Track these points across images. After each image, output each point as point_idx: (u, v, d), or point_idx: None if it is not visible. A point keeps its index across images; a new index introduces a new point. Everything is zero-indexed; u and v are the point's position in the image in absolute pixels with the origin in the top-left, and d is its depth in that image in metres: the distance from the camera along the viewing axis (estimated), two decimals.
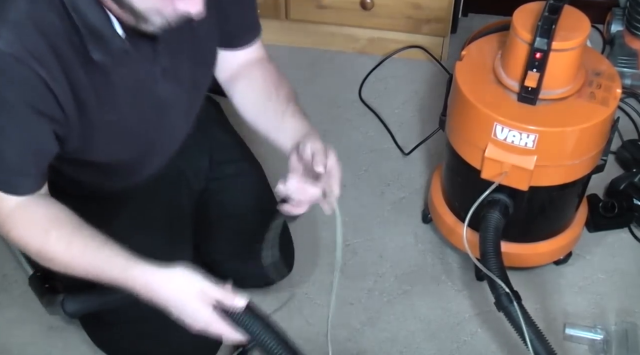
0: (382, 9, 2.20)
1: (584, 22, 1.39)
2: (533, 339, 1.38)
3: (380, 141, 2.05)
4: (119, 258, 1.13)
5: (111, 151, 1.24)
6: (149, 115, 1.23)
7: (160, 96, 1.22)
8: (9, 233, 1.16)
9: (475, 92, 1.44)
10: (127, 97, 1.17)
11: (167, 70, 1.19)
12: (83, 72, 1.09)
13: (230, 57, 1.37)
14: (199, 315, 1.12)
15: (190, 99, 1.31)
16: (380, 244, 1.78)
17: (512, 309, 1.39)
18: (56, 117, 1.09)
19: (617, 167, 1.93)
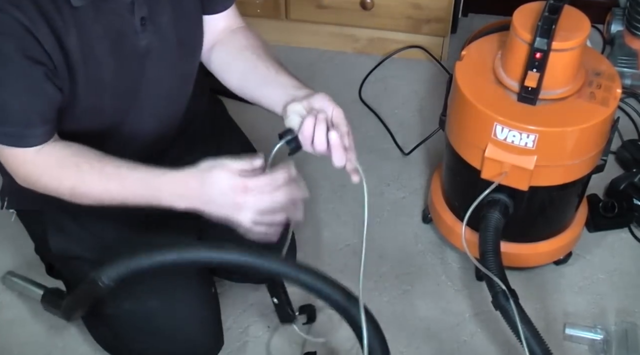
0: (382, 9, 2.20)
1: (584, 22, 1.39)
2: (529, 337, 1.37)
3: (380, 141, 2.05)
4: (154, 171, 1.15)
5: (95, 102, 1.23)
6: (129, 65, 1.23)
7: (140, 46, 1.22)
8: (40, 179, 1.18)
9: (475, 92, 1.44)
10: (107, 46, 1.17)
11: (146, 21, 1.20)
12: (63, 20, 1.09)
13: (208, 25, 1.37)
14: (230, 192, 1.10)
15: (177, 55, 1.30)
16: (380, 244, 1.78)
17: (508, 306, 1.39)
18: (46, 64, 1.10)
19: (617, 167, 1.93)
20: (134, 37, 1.20)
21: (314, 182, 1.93)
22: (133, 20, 1.19)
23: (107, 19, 1.16)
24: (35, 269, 1.68)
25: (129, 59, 1.22)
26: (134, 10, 1.18)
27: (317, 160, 1.98)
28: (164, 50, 1.27)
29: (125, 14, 1.18)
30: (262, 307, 1.64)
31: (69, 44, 1.12)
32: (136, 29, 1.20)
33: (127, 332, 1.41)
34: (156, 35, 1.23)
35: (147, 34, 1.22)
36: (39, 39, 1.07)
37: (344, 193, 1.91)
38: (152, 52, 1.24)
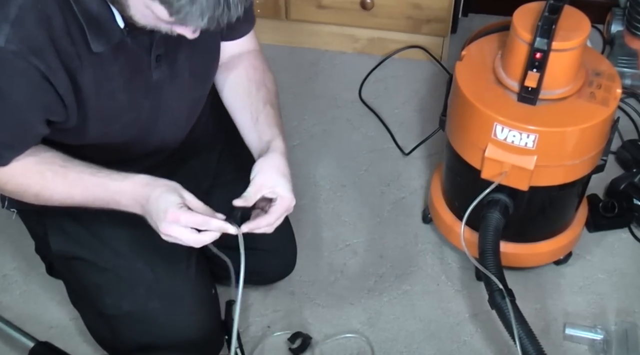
0: (382, 9, 2.20)
1: (584, 22, 1.39)
2: (523, 337, 1.37)
3: (380, 141, 2.05)
4: (114, 176, 1.20)
5: (106, 132, 1.25)
6: (141, 98, 1.24)
7: (153, 80, 1.23)
8: (5, 187, 1.22)
9: (475, 92, 1.44)
10: (122, 84, 1.19)
11: (162, 58, 1.21)
12: (81, 62, 1.11)
13: (224, 50, 1.38)
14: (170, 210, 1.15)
15: (188, 85, 1.31)
16: (380, 244, 1.78)
17: (503, 305, 1.39)
18: (53, 106, 1.12)
19: (617, 167, 1.93)
20: (147, 73, 1.21)
21: (314, 182, 1.93)
22: (149, 58, 1.19)
23: (125, 58, 1.16)
24: (36, 269, 1.68)
25: (140, 93, 1.23)
26: (151, 50, 1.18)
27: (317, 160, 1.99)
28: (175, 81, 1.27)
29: (143, 53, 1.18)
30: (262, 308, 1.64)
31: (82, 81, 1.13)
32: (150, 65, 1.21)
33: (127, 333, 1.41)
34: (169, 70, 1.24)
35: (160, 69, 1.22)
36: (52, 82, 1.09)
37: (344, 193, 1.91)
38: (163, 84, 1.25)
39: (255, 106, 1.35)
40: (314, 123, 2.10)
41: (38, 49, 1.05)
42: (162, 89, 1.26)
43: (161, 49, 1.20)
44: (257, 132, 1.33)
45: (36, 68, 1.06)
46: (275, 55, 2.31)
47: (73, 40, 1.08)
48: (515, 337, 1.37)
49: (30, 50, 1.04)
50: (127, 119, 1.25)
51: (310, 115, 2.12)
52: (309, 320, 1.62)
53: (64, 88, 1.11)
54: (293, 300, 1.65)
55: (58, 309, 1.61)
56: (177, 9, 0.96)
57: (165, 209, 1.15)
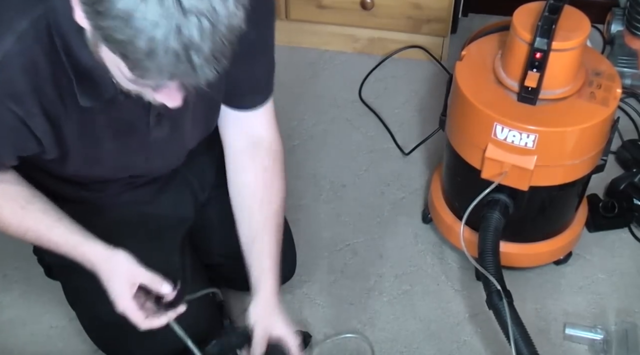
0: (382, 9, 2.20)
1: (584, 22, 1.39)
2: (518, 338, 1.37)
3: (380, 141, 2.05)
4: (71, 235, 1.20)
5: (89, 171, 1.25)
6: (133, 151, 1.23)
7: (150, 138, 1.20)
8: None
9: (475, 92, 1.44)
10: (112, 134, 1.16)
11: (162, 118, 1.18)
12: (66, 111, 1.08)
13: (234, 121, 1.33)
14: (120, 298, 1.19)
15: (183, 143, 1.30)
16: (380, 244, 1.78)
17: (500, 306, 1.39)
18: (27, 145, 1.10)
19: (617, 167, 1.93)
20: (144, 131, 1.18)
21: (314, 182, 1.93)
22: (147, 118, 1.16)
23: (117, 113, 1.13)
24: (36, 269, 1.68)
25: (134, 147, 1.21)
26: (150, 109, 1.15)
27: (317, 160, 1.99)
28: (172, 142, 1.25)
29: (140, 112, 1.15)
30: None
31: (66, 129, 1.10)
32: (149, 125, 1.18)
33: (123, 337, 1.41)
34: (169, 128, 1.21)
35: (160, 128, 1.20)
36: (31, 127, 1.06)
37: (344, 193, 1.91)
38: (160, 144, 1.23)
39: (254, 228, 1.33)
40: (314, 123, 2.10)
41: (18, 94, 1.02)
42: (160, 144, 1.24)
43: (161, 108, 1.14)
44: (250, 259, 1.33)
45: (12, 111, 1.03)
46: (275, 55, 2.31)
47: (60, 90, 1.04)
48: (510, 339, 1.37)
49: (8, 94, 1.01)
50: (113, 164, 1.24)
51: (310, 115, 2.12)
52: (308, 320, 1.62)
53: (42, 131, 1.08)
54: (293, 300, 1.65)
55: (58, 309, 1.61)
56: (134, 63, 0.87)
57: (117, 295, 1.19)
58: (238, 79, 1.22)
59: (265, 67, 1.28)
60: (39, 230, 1.20)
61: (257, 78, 1.27)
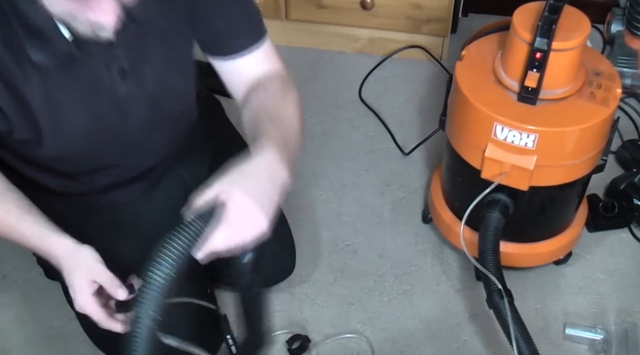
0: (382, 9, 2.20)
1: (584, 22, 1.39)
2: (519, 337, 1.37)
3: (380, 141, 2.05)
4: (39, 227, 1.18)
5: (67, 149, 1.22)
6: (107, 114, 1.21)
7: (120, 95, 1.19)
8: None
9: (475, 92, 1.44)
10: (80, 97, 1.15)
11: (126, 73, 1.17)
12: (23, 73, 1.06)
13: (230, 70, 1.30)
14: (79, 293, 1.17)
15: (159, 98, 1.27)
16: (380, 244, 1.78)
17: (501, 305, 1.39)
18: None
19: (617, 167, 1.93)
20: (111, 87, 1.17)
21: (314, 182, 1.93)
22: (110, 72, 1.15)
23: (81, 70, 1.12)
24: (36, 269, 1.68)
25: (105, 108, 1.19)
26: (110, 63, 1.14)
27: (317, 160, 1.99)
28: (145, 97, 1.23)
29: (102, 67, 1.14)
30: None
31: (29, 94, 1.09)
32: (114, 80, 1.16)
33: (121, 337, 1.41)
34: (138, 84, 1.20)
35: (127, 84, 1.18)
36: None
37: (344, 193, 1.91)
38: (133, 100, 1.21)
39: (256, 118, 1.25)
40: (314, 123, 2.10)
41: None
42: (133, 104, 1.22)
43: (123, 62, 1.15)
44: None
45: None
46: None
47: (13, 51, 1.03)
48: (512, 338, 1.37)
49: None
50: (93, 136, 1.22)
51: (310, 115, 2.12)
52: (308, 320, 1.62)
53: (3, 101, 1.07)
54: (293, 300, 1.65)
55: (58, 309, 1.61)
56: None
57: (76, 290, 1.17)
58: (215, 26, 1.23)
59: (241, 9, 1.26)
60: (7, 221, 1.18)
61: (234, 22, 1.25)
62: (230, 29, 1.26)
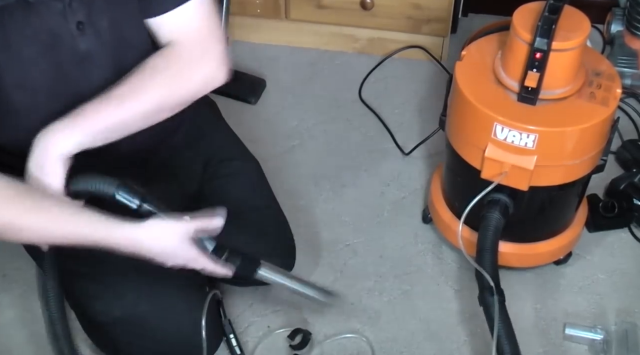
0: (382, 9, 2.20)
1: (584, 22, 1.39)
2: (502, 336, 1.36)
3: (380, 141, 2.05)
4: (99, 223, 1.16)
5: (32, 106, 1.20)
6: (69, 69, 1.20)
7: (81, 50, 1.18)
8: None
9: (475, 92, 1.44)
10: (40, 50, 1.14)
11: (84, 25, 1.16)
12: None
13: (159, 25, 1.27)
14: (179, 253, 1.21)
15: (120, 53, 1.25)
16: (380, 244, 1.78)
17: (490, 303, 1.39)
18: None
19: (617, 167, 1.93)
20: (71, 42, 1.17)
21: (314, 182, 1.93)
22: (67, 24, 1.15)
23: (38, 21, 1.12)
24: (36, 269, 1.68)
25: (67, 63, 1.19)
26: (66, 15, 1.14)
27: (317, 160, 1.99)
28: (106, 54, 1.22)
29: (59, 18, 1.14)
30: (262, 308, 1.64)
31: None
32: (72, 33, 1.16)
33: (121, 337, 1.41)
34: (97, 40, 1.19)
35: (86, 38, 1.18)
36: None
37: (344, 193, 1.91)
38: (94, 56, 1.20)
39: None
40: (314, 123, 2.10)
41: None
42: (94, 62, 1.21)
43: (80, 14, 1.15)
44: None
45: None
46: (275, 55, 2.32)
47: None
48: (494, 335, 1.36)
49: None
50: (56, 93, 1.20)
51: (310, 115, 2.12)
52: (308, 320, 1.62)
53: None
54: (293, 300, 1.65)
55: None
56: None
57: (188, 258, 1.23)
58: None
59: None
60: (59, 221, 1.14)
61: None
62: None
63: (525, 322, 1.60)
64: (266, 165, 1.68)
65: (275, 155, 1.99)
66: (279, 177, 1.90)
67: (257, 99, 2.17)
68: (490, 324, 1.39)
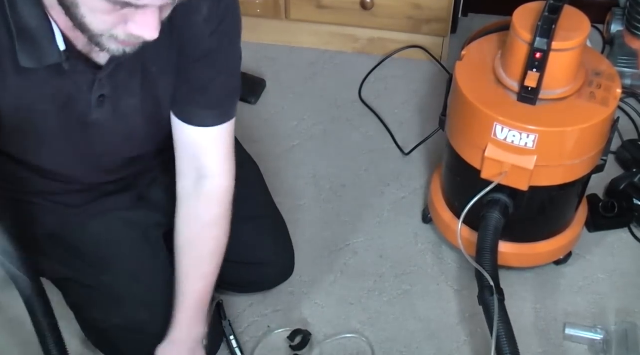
0: (382, 9, 2.20)
1: (584, 22, 1.39)
2: (502, 336, 1.36)
3: (380, 141, 2.05)
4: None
5: (35, 155, 1.21)
6: (76, 134, 1.18)
7: (91, 120, 1.16)
8: None
9: (475, 92, 1.44)
10: (52, 109, 1.12)
11: (105, 99, 1.14)
12: (4, 72, 1.03)
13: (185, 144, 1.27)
14: None
15: (135, 126, 1.24)
16: (380, 244, 1.78)
17: (490, 302, 1.39)
18: None
19: (617, 167, 1.93)
20: (86, 110, 1.14)
21: (314, 182, 1.93)
22: (89, 95, 1.12)
23: (61, 84, 1.09)
24: None
25: (72, 124, 1.16)
26: (92, 88, 1.11)
27: (317, 160, 1.99)
28: (120, 127, 1.21)
29: (83, 87, 1.11)
30: (262, 308, 1.64)
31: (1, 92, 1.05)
32: (90, 103, 1.14)
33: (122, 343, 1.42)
34: (111, 112, 1.17)
35: (101, 111, 1.15)
36: None
37: (344, 193, 1.91)
38: (102, 126, 1.19)
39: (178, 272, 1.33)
40: (314, 123, 2.10)
41: None
42: (102, 129, 1.19)
43: (106, 89, 1.12)
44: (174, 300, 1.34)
45: None
46: (275, 55, 2.32)
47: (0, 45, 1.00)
48: (493, 334, 1.36)
49: None
50: (58, 149, 1.20)
51: (310, 115, 2.12)
52: (309, 320, 1.62)
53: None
54: (293, 300, 1.65)
55: (58, 309, 1.59)
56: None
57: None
58: (191, 85, 1.20)
59: (223, 85, 1.23)
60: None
61: (211, 92, 1.22)
62: (206, 97, 1.23)
63: (525, 322, 1.60)
64: (266, 165, 1.68)
65: (275, 155, 1.99)
66: (279, 177, 1.90)
67: (257, 99, 2.17)
68: (490, 324, 1.39)
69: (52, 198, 1.34)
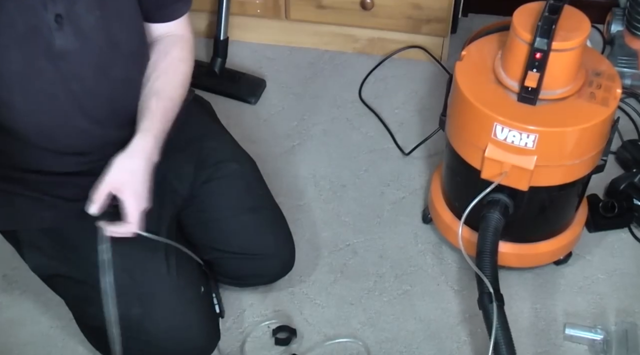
0: (382, 9, 2.20)
1: (584, 22, 1.39)
2: (501, 343, 1.36)
3: (380, 141, 2.05)
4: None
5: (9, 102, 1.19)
6: (43, 65, 1.17)
7: (56, 46, 1.15)
8: None
9: (475, 92, 1.44)
10: (14, 40, 1.11)
11: (62, 19, 1.13)
12: None
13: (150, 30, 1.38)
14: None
15: (104, 55, 1.24)
16: (380, 244, 1.78)
17: (490, 309, 1.39)
18: None
19: (617, 167, 1.93)
20: (48, 35, 1.13)
21: (314, 182, 1.93)
22: (46, 15, 1.11)
23: (16, 8, 1.08)
24: None
25: (41, 59, 1.16)
26: (47, 5, 1.11)
27: (317, 160, 1.99)
28: (87, 53, 1.20)
29: (38, 8, 1.10)
30: (262, 308, 1.64)
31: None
32: (50, 27, 1.13)
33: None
34: (77, 38, 1.16)
35: (63, 34, 1.15)
36: None
37: (344, 193, 1.91)
38: (69, 54, 1.18)
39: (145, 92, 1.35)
40: (314, 123, 2.10)
41: None
42: (69, 60, 1.18)
43: (59, 6, 1.12)
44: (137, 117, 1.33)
45: None
46: (275, 55, 2.32)
47: None
48: (491, 341, 1.36)
49: None
50: (27, 86, 1.17)
51: (310, 115, 2.12)
52: (308, 320, 1.62)
53: None
54: (293, 300, 1.65)
55: (58, 309, 1.61)
56: None
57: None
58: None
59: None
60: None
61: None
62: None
63: (525, 322, 1.60)
64: (266, 165, 1.68)
65: (275, 155, 1.99)
66: (279, 177, 1.90)
67: (257, 99, 2.17)
68: (489, 328, 1.39)
69: (51, 191, 1.34)
